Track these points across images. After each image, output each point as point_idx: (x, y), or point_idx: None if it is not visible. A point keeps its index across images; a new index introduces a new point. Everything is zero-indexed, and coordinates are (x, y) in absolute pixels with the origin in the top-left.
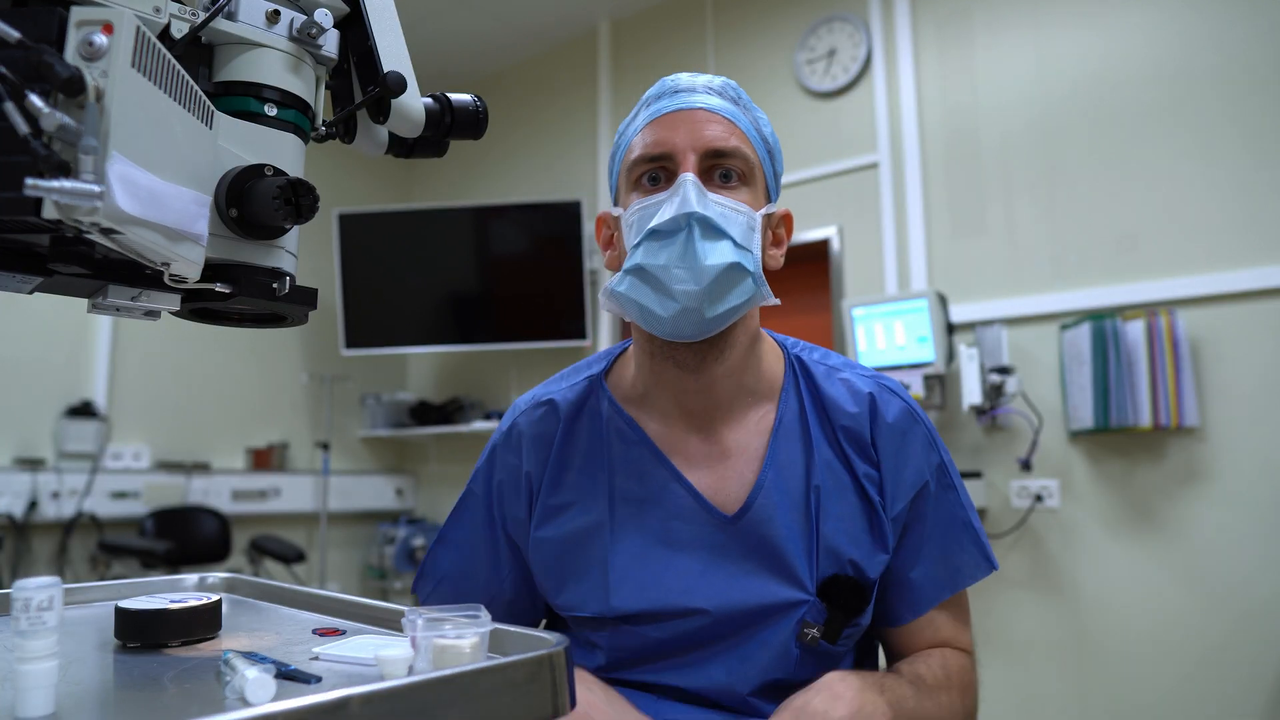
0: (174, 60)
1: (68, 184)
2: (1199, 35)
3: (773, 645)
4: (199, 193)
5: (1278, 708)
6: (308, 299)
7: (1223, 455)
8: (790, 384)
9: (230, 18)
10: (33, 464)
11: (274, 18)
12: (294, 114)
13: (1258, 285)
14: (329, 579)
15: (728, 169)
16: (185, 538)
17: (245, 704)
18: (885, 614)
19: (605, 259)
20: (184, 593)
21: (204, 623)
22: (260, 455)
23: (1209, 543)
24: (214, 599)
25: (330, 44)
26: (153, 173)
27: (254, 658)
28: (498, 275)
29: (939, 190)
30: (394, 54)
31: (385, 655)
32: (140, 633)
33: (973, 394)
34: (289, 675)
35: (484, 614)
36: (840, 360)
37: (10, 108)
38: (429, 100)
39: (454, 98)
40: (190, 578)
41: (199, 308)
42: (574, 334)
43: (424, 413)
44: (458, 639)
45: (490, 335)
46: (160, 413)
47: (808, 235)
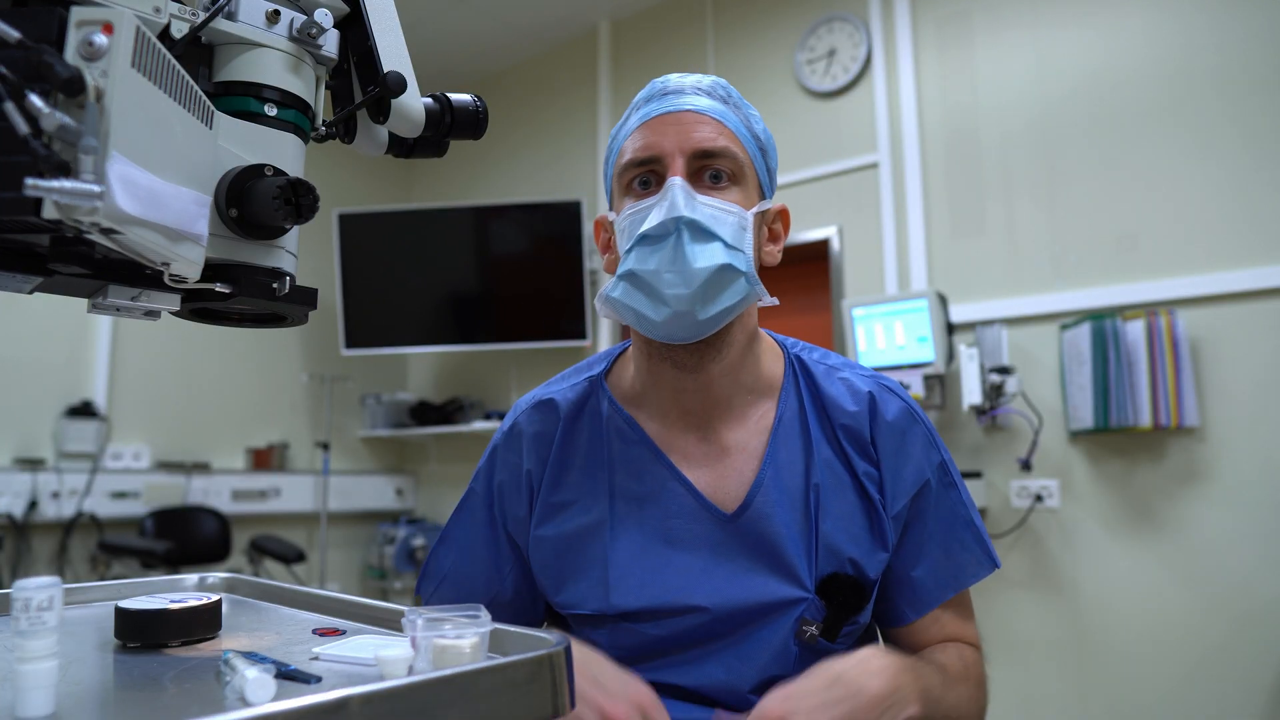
0: (174, 60)
1: (68, 184)
2: (1199, 35)
3: (772, 643)
4: (199, 193)
5: (1278, 708)
6: (308, 299)
7: (1223, 455)
8: (790, 383)
9: (230, 18)
10: (33, 464)
11: (274, 18)
12: (294, 114)
13: (1258, 285)
14: (329, 579)
15: (717, 170)
16: (185, 538)
17: (245, 704)
18: (890, 614)
19: (604, 262)
20: (184, 593)
21: (204, 623)
22: (260, 455)
23: (1209, 543)
24: (214, 599)
25: (330, 44)
26: (153, 173)
27: (254, 658)
28: (498, 275)
29: (939, 190)
30: (394, 54)
31: (385, 655)
32: (140, 633)
33: (973, 394)
34: (289, 675)
35: (484, 614)
36: (840, 360)
37: (10, 108)
38: (429, 100)
39: (454, 98)
40: (190, 578)
41: (199, 308)
42: (574, 334)
43: (424, 413)
44: (458, 639)
45: (490, 335)
46: (160, 413)
47: (808, 235)
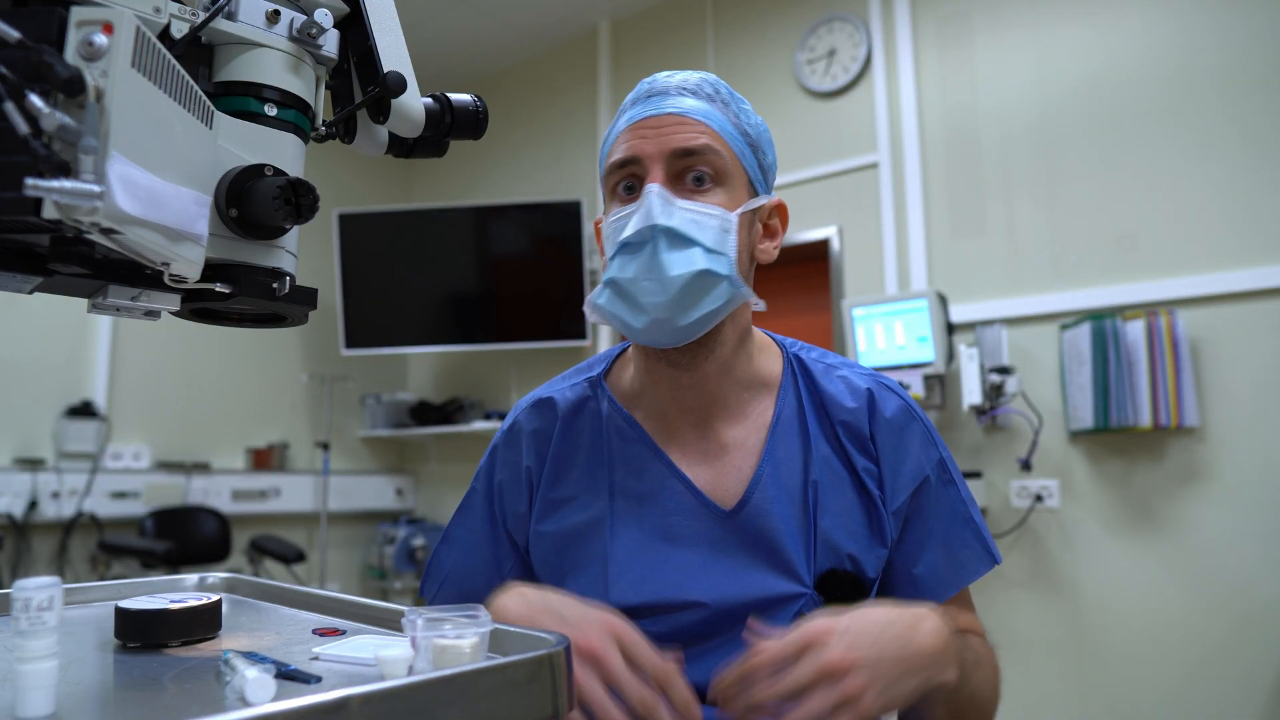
0: (174, 60)
1: (68, 184)
2: (1199, 35)
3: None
4: (199, 193)
5: (1278, 708)
6: (308, 299)
7: (1223, 455)
8: (788, 381)
9: (230, 18)
10: (33, 464)
11: (274, 18)
12: (294, 114)
13: (1258, 285)
14: (329, 579)
15: (700, 172)
16: (185, 538)
17: (245, 704)
18: None
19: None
20: (184, 593)
21: (204, 623)
22: (260, 455)
23: (1209, 543)
24: (214, 599)
25: (330, 44)
26: (153, 173)
27: (254, 658)
28: (498, 275)
29: (939, 190)
30: (394, 54)
31: (385, 655)
32: (140, 633)
33: (973, 394)
34: (289, 675)
35: (484, 614)
36: (838, 359)
37: (10, 108)
38: (429, 100)
39: (454, 98)
40: (190, 578)
41: (199, 308)
42: (574, 334)
43: (424, 413)
44: (458, 639)
45: (490, 335)
46: (160, 413)
47: (808, 235)
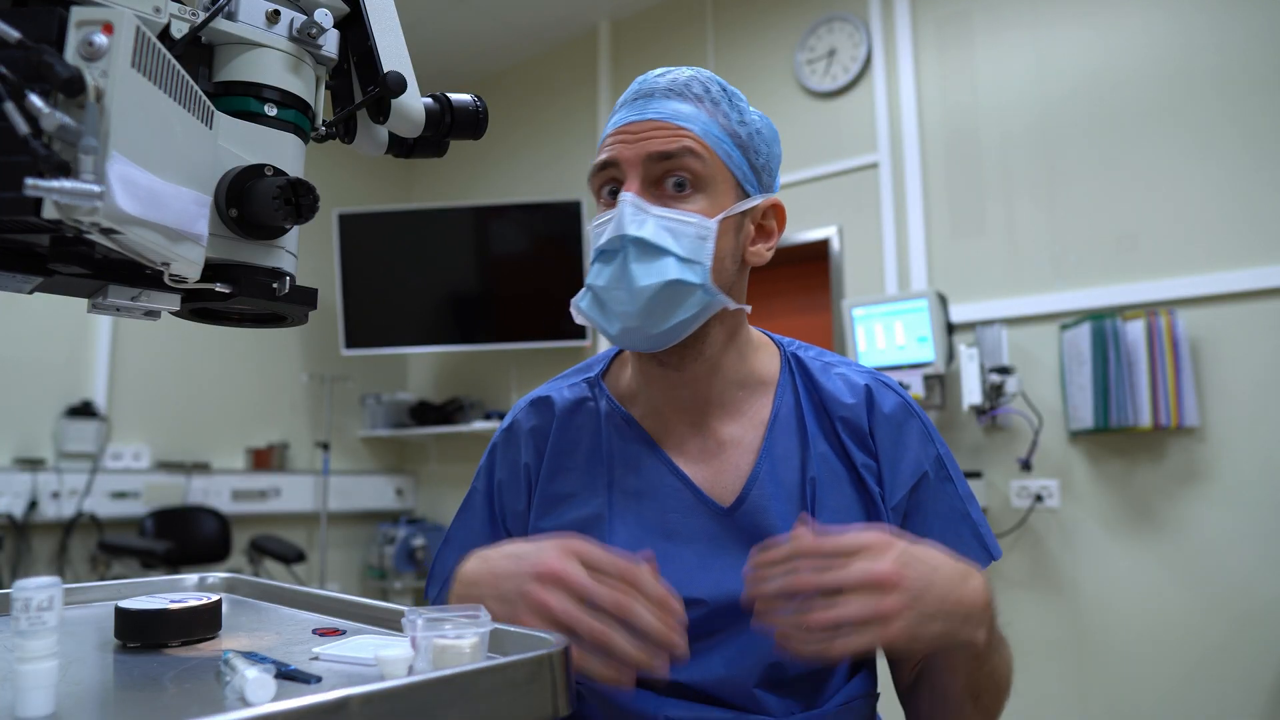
0: (174, 60)
1: (68, 184)
2: (1199, 35)
3: (771, 635)
4: (199, 193)
5: (1278, 708)
6: (308, 299)
7: (1223, 455)
8: (786, 379)
9: (230, 18)
10: (33, 464)
11: (274, 18)
12: (294, 114)
13: (1258, 285)
14: (329, 579)
15: (679, 178)
16: (185, 538)
17: (245, 704)
18: None
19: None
20: (184, 593)
21: (204, 623)
22: (260, 455)
23: (1209, 543)
24: (214, 599)
25: (330, 44)
26: (153, 173)
27: (254, 658)
28: (498, 275)
29: (939, 190)
30: (394, 54)
31: (385, 655)
32: (140, 633)
33: (973, 394)
34: (289, 675)
35: (484, 614)
36: (836, 358)
37: (10, 108)
38: (429, 100)
39: (454, 98)
40: (190, 578)
41: (199, 308)
42: (574, 334)
43: (424, 413)
44: (458, 639)
45: (490, 335)
46: (160, 413)
47: (808, 235)
